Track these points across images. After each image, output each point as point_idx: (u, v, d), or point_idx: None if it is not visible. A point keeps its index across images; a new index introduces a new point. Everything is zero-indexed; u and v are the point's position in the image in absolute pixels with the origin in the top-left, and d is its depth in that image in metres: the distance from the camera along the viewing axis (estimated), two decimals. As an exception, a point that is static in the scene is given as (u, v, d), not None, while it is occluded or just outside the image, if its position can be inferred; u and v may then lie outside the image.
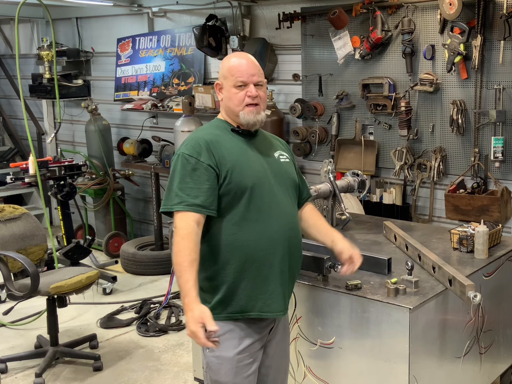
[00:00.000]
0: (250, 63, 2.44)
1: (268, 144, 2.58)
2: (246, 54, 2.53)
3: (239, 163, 2.39)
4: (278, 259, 2.41)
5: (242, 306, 2.40)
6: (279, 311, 2.46)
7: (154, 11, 6.35)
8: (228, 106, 2.47)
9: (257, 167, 2.43)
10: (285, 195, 2.49)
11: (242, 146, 2.45)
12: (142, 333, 4.66)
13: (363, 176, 3.80)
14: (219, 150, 2.38)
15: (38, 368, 3.99)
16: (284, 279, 2.44)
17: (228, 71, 2.44)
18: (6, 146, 7.89)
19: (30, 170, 5.34)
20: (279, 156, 2.55)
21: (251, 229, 2.37)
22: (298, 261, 2.54)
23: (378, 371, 2.68)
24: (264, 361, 2.55)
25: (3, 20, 7.71)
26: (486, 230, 3.14)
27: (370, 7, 4.77)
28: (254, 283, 2.39)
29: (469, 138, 4.60)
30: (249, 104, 2.42)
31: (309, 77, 5.35)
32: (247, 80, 2.41)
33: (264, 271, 2.39)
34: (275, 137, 2.71)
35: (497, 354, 3.32)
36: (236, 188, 2.36)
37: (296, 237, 2.50)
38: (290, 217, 2.48)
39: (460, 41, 4.34)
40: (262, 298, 2.40)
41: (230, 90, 2.43)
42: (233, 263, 2.37)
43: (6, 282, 3.94)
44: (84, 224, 6.67)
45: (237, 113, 2.44)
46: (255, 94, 2.41)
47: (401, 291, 2.66)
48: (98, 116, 6.58)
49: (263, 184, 2.41)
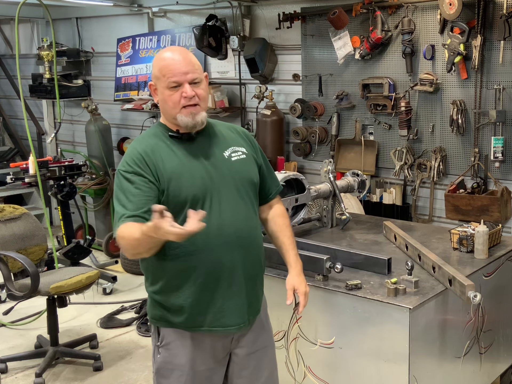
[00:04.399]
0: (182, 60, 2.20)
1: (217, 142, 2.34)
2: (179, 48, 2.30)
3: (176, 175, 2.20)
4: (226, 273, 2.25)
5: (192, 320, 2.28)
6: (231, 325, 2.31)
7: (154, 11, 6.36)
8: (165, 109, 2.26)
9: (199, 175, 2.23)
10: (236, 199, 2.29)
11: (181, 154, 2.25)
12: (142, 333, 4.66)
13: (363, 176, 3.80)
14: (154, 161, 2.20)
15: (38, 368, 3.99)
16: (236, 292, 2.29)
17: (159, 71, 2.21)
18: (6, 146, 7.89)
19: (30, 170, 5.34)
20: (230, 155, 2.33)
21: (192, 243, 2.17)
22: (257, 268, 2.37)
23: (378, 371, 2.68)
24: (235, 372, 2.43)
25: (3, 20, 7.71)
26: (486, 230, 3.14)
27: (370, 7, 4.77)
28: (201, 298, 2.25)
29: (469, 138, 4.60)
30: (186, 105, 2.20)
31: (309, 77, 5.35)
32: (180, 80, 2.18)
33: (210, 285, 2.25)
34: (232, 127, 2.46)
35: (497, 354, 3.32)
36: (174, 202, 2.18)
37: (250, 244, 2.30)
38: (239, 223, 2.28)
39: (460, 41, 4.34)
40: (211, 312, 2.28)
41: (164, 92, 2.21)
42: (178, 277, 2.24)
43: (6, 282, 3.94)
44: (84, 224, 6.67)
45: (174, 116, 2.22)
46: (191, 94, 2.19)
47: (401, 291, 2.65)
48: (98, 116, 6.58)
49: (206, 193, 2.22)
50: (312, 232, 3.59)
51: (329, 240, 3.39)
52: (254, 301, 2.39)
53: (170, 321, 2.31)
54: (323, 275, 2.82)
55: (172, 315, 2.30)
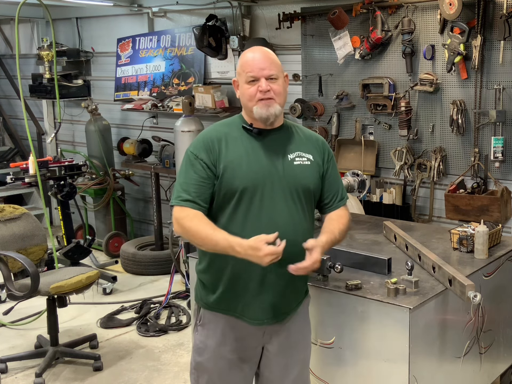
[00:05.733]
0: (262, 57, 2.38)
1: (287, 144, 2.45)
2: (261, 48, 2.47)
3: (234, 164, 2.35)
4: (259, 269, 2.31)
5: (225, 303, 2.44)
6: (255, 319, 2.42)
7: (154, 11, 6.35)
8: (243, 102, 2.43)
9: (257, 169, 2.36)
10: (287, 200, 2.37)
11: (246, 145, 2.39)
12: (142, 333, 4.67)
13: (363, 176, 3.80)
14: (219, 148, 2.37)
15: (38, 368, 3.99)
16: (266, 290, 2.38)
17: (241, 67, 2.41)
18: (6, 146, 7.89)
19: (30, 170, 5.34)
20: (294, 158, 2.42)
21: (235, 233, 2.29)
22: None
23: (378, 371, 2.68)
24: (267, 367, 2.54)
25: (3, 20, 7.71)
26: (486, 230, 3.14)
27: (370, 7, 4.76)
28: (235, 287, 2.40)
29: (469, 138, 4.60)
30: (261, 99, 2.36)
31: (309, 77, 5.35)
32: (257, 75, 2.35)
33: (243, 276, 2.37)
34: (310, 134, 2.56)
35: (497, 354, 3.32)
36: (226, 189, 2.34)
37: (292, 247, 2.29)
38: (284, 226, 2.34)
39: (460, 41, 4.34)
40: (241, 302, 2.42)
41: (243, 86, 2.39)
42: (219, 261, 2.38)
43: (6, 282, 3.94)
44: (84, 224, 6.67)
45: (250, 108, 2.38)
46: (266, 88, 2.34)
47: (401, 291, 2.66)
48: (98, 116, 6.58)
49: (258, 187, 2.34)
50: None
51: (329, 240, 3.39)
52: (286, 301, 2.47)
53: (208, 302, 2.48)
54: (323, 275, 2.83)
55: (210, 294, 2.46)
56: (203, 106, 5.84)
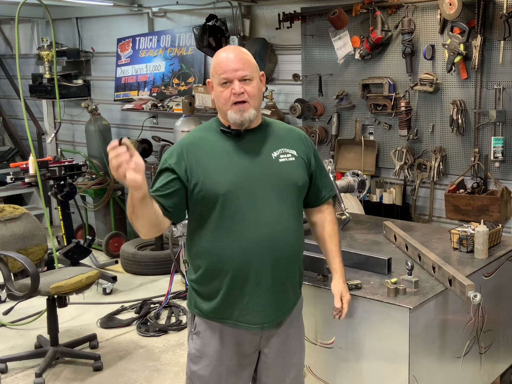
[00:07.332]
0: (235, 57, 2.26)
1: (268, 142, 2.37)
2: (235, 47, 2.39)
3: (213, 169, 2.26)
4: (254, 271, 2.29)
5: (220, 311, 2.36)
6: (255, 323, 2.36)
7: (154, 11, 6.36)
8: (217, 105, 2.33)
9: (238, 172, 2.27)
10: (276, 199, 2.31)
11: (225, 149, 2.30)
12: (142, 333, 4.67)
13: (363, 176, 3.79)
14: (194, 155, 2.28)
15: (38, 368, 3.99)
16: (263, 292, 2.33)
17: (214, 68, 2.29)
18: (6, 146, 7.89)
19: (30, 170, 5.34)
20: (279, 156, 2.34)
21: (225, 238, 2.27)
22: (290, 270, 2.40)
23: (378, 371, 2.68)
24: (263, 371, 2.51)
25: (3, 20, 7.71)
26: (486, 230, 3.14)
27: (370, 7, 4.77)
28: (230, 293, 2.32)
29: (469, 138, 4.60)
30: (235, 102, 2.25)
31: (309, 77, 5.35)
32: (230, 76, 2.23)
33: (238, 282, 2.30)
34: (291, 129, 2.49)
35: (497, 354, 3.32)
36: (208, 195, 2.25)
37: (283, 246, 2.31)
38: (275, 225, 2.29)
39: (460, 41, 4.34)
40: (237, 308, 2.34)
41: (217, 88, 2.28)
42: (211, 269, 2.32)
43: (6, 282, 3.94)
44: (84, 224, 6.67)
45: (225, 112, 2.28)
46: (239, 91, 2.23)
47: (401, 291, 2.65)
48: (98, 116, 6.58)
49: (241, 190, 2.26)
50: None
51: (329, 240, 3.39)
52: (282, 303, 2.42)
53: (202, 310, 2.40)
54: (323, 275, 2.82)
55: (204, 303, 2.39)
56: (203, 106, 5.84)
